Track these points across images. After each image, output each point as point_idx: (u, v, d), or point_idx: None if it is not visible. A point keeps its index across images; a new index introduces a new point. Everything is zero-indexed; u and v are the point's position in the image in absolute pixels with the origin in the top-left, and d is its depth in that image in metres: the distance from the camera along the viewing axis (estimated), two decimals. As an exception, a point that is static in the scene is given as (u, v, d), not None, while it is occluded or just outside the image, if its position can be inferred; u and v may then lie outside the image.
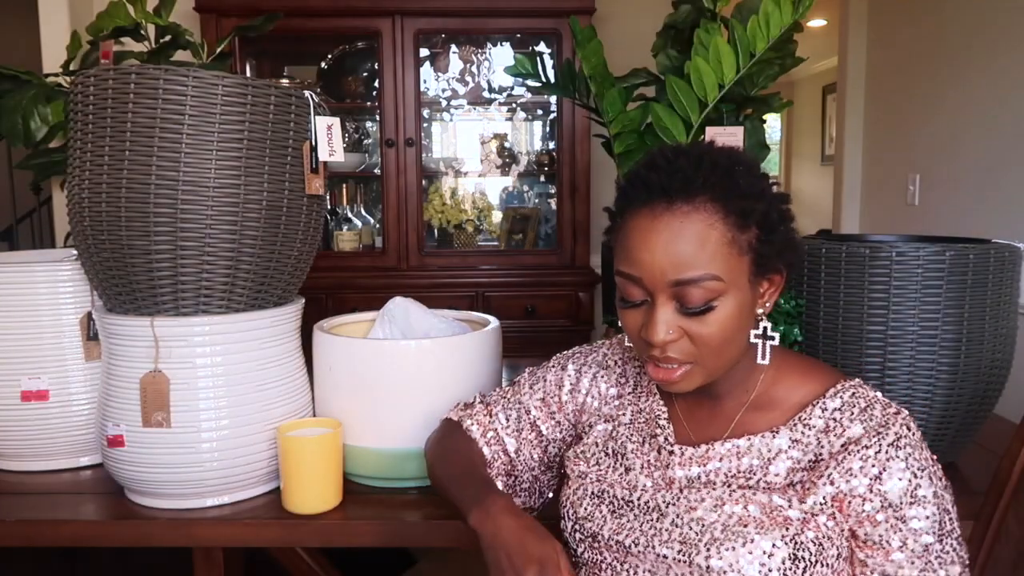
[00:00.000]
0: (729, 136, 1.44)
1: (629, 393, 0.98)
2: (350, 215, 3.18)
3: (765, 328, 0.85)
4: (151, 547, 1.17)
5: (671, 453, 0.89)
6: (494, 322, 1.30)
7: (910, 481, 0.79)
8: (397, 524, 1.13)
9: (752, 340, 0.86)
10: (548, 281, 3.00)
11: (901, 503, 0.79)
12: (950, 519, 0.81)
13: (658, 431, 0.92)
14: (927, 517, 0.79)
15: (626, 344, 1.01)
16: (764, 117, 1.67)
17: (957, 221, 2.70)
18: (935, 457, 0.83)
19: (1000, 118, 2.48)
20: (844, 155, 3.49)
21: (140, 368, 1.12)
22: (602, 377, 1.01)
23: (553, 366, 1.06)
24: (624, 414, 0.97)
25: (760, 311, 0.85)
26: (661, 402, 0.94)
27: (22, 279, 1.26)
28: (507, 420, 1.05)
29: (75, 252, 1.25)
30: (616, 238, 0.86)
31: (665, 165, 0.82)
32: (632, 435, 0.94)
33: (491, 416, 1.06)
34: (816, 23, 5.38)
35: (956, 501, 0.84)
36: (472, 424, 1.05)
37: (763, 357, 0.86)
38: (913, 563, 0.79)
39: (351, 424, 1.19)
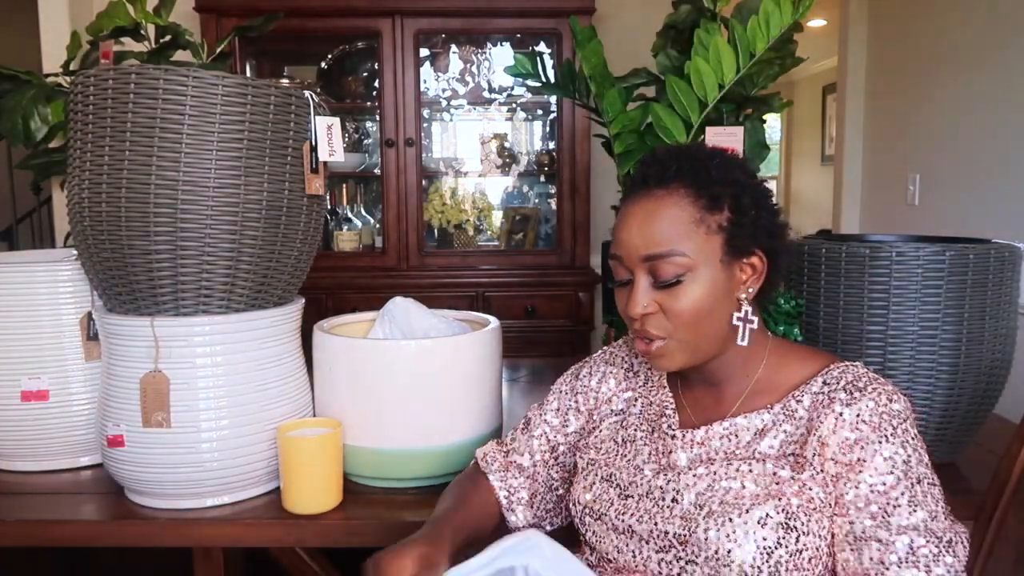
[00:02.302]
0: (729, 136, 1.44)
1: (640, 386, 1.03)
2: (350, 215, 3.18)
3: (747, 312, 0.90)
4: (151, 547, 1.17)
5: (673, 438, 0.93)
6: (494, 322, 1.30)
7: (878, 443, 0.81)
8: (397, 524, 1.13)
9: (734, 323, 0.90)
10: (548, 281, 3.00)
11: (864, 467, 0.81)
12: (923, 491, 0.80)
13: (663, 420, 0.96)
14: (890, 481, 0.80)
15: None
16: (764, 117, 1.67)
17: (957, 221, 2.70)
18: (917, 434, 0.84)
19: (1000, 118, 2.48)
20: (844, 155, 3.49)
21: (140, 368, 1.12)
22: (611, 374, 1.05)
23: (567, 378, 1.10)
24: (635, 406, 1.01)
25: (742, 296, 0.90)
26: (669, 393, 0.99)
27: (22, 279, 1.26)
28: (523, 449, 1.08)
29: (75, 252, 1.25)
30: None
31: (651, 160, 0.93)
32: (641, 424, 0.98)
33: (507, 453, 1.09)
34: (816, 23, 5.37)
35: (956, 501, 0.84)
36: (491, 464, 1.08)
37: (742, 339, 0.90)
38: (863, 521, 0.80)
39: (351, 424, 1.19)
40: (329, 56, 3.18)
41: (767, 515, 0.80)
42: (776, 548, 0.79)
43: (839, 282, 1.19)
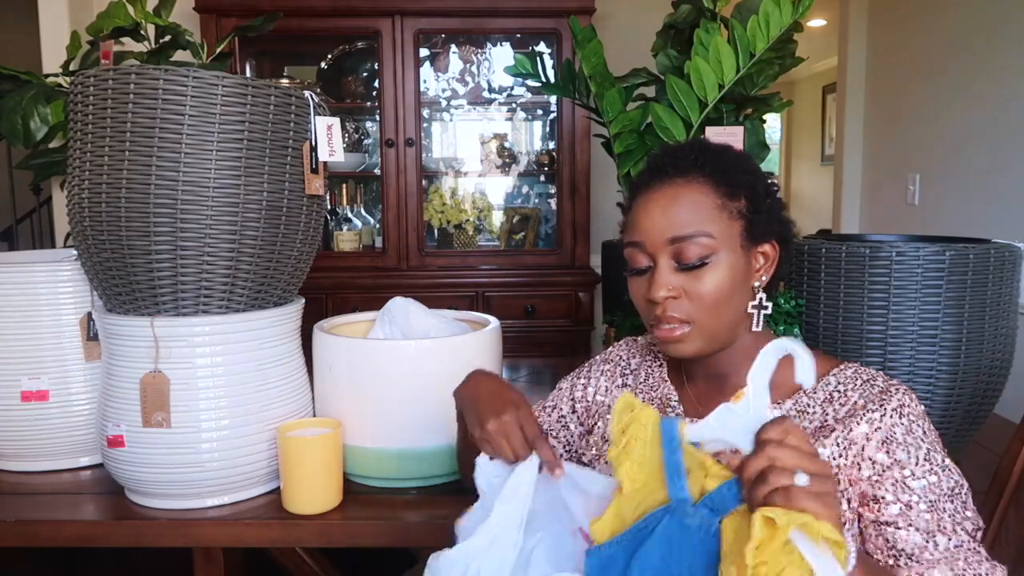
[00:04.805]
0: (729, 136, 1.44)
1: (641, 382, 1.04)
2: (350, 215, 3.18)
3: (760, 299, 0.93)
4: (151, 547, 1.17)
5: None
6: (494, 322, 1.30)
7: (917, 446, 0.83)
8: (397, 524, 1.13)
9: (749, 310, 0.92)
10: (548, 281, 3.00)
11: (907, 465, 0.82)
12: (958, 484, 0.84)
13: (668, 410, 0.97)
14: (933, 481, 0.82)
15: (639, 341, 1.10)
16: (764, 117, 1.67)
17: (957, 221, 2.70)
18: (937, 432, 0.87)
19: (1000, 118, 2.48)
20: (844, 155, 3.49)
21: (140, 368, 1.12)
22: (606, 372, 1.07)
23: (569, 377, 1.12)
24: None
25: (756, 284, 0.92)
26: (672, 387, 1.00)
27: (22, 279, 1.26)
28: None
29: (75, 252, 1.25)
30: (625, 221, 0.95)
31: (665, 151, 0.96)
32: None
33: None
34: (816, 23, 5.37)
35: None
36: None
37: (757, 325, 0.93)
38: (920, 523, 0.81)
39: (351, 424, 1.19)
40: (329, 56, 3.18)
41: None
42: None
43: (839, 282, 1.19)
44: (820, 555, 0.59)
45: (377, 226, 3.18)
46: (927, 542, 0.80)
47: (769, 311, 0.93)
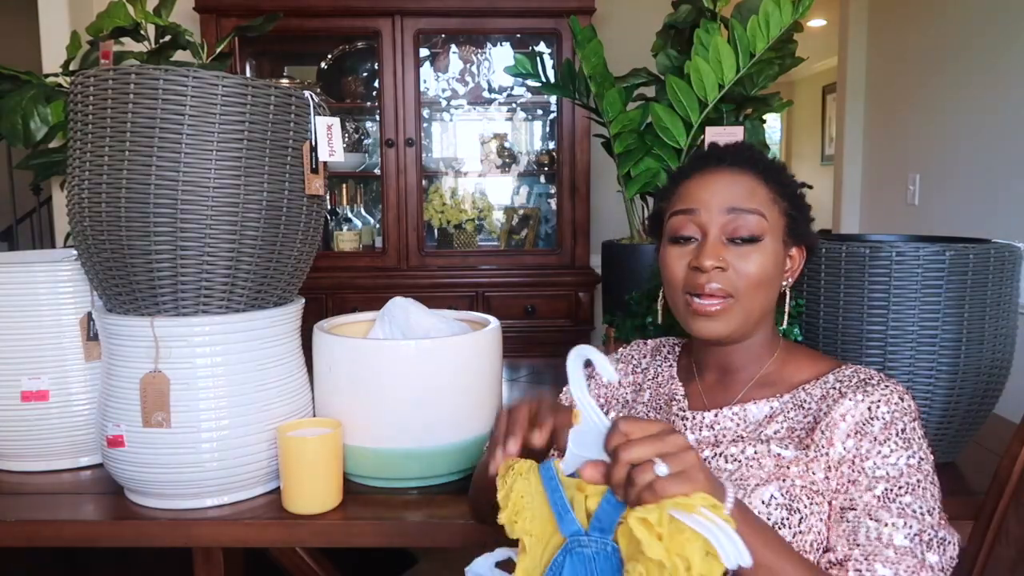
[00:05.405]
0: (729, 136, 1.44)
1: (649, 379, 1.06)
2: (350, 215, 3.18)
3: (787, 297, 0.98)
4: (151, 547, 1.17)
5: (683, 419, 0.96)
6: (494, 322, 1.30)
7: (887, 437, 0.83)
8: (397, 524, 1.13)
9: (786, 309, 0.98)
10: (548, 281, 3.00)
11: (871, 451, 0.83)
12: (919, 484, 0.82)
13: (673, 404, 0.99)
14: (894, 474, 0.82)
15: (648, 343, 1.12)
16: (764, 117, 1.67)
17: (957, 221, 2.70)
18: (924, 435, 0.86)
19: (1000, 118, 2.48)
20: (844, 155, 3.49)
21: (140, 368, 1.12)
22: (621, 371, 1.09)
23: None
24: (643, 395, 1.04)
25: (784, 283, 0.96)
26: (679, 383, 1.02)
27: (22, 279, 1.26)
28: None
29: (75, 252, 1.25)
30: (671, 200, 0.97)
31: (719, 147, 0.99)
32: (649, 412, 1.02)
33: None
34: (816, 23, 5.37)
35: (956, 501, 0.84)
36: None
37: (783, 323, 0.99)
38: (860, 505, 0.81)
39: (351, 424, 1.19)
40: (329, 56, 3.18)
41: (771, 496, 0.82)
42: (779, 528, 0.80)
43: (839, 282, 1.19)
44: (703, 522, 0.63)
45: (377, 226, 3.18)
46: (864, 527, 0.80)
47: (789, 308, 0.97)
